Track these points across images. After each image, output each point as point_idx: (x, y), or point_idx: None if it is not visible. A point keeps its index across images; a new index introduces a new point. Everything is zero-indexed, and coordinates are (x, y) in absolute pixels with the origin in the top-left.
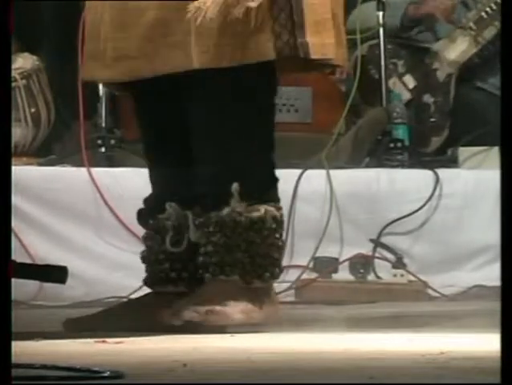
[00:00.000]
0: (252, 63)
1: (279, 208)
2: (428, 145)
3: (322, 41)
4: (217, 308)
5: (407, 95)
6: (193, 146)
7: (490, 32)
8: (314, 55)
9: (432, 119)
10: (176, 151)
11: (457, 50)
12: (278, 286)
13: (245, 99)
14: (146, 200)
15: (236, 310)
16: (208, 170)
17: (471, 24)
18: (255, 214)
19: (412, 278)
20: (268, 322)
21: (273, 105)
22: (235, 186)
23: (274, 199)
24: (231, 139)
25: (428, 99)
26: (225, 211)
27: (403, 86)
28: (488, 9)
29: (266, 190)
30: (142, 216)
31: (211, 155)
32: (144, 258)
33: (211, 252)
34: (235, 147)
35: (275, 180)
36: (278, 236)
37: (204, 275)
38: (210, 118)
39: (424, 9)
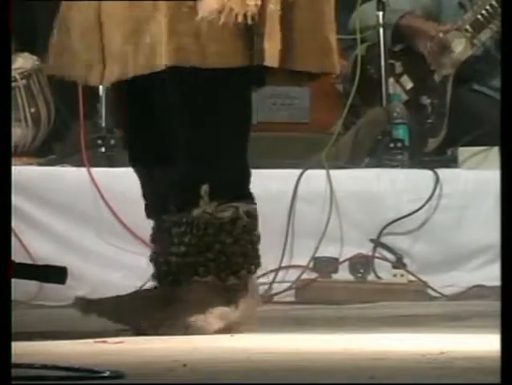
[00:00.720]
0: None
1: (251, 204)
2: (425, 146)
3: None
4: (195, 324)
5: (404, 96)
6: (165, 147)
7: (486, 35)
8: (269, 63)
9: (429, 121)
10: (156, 153)
11: (453, 51)
12: (278, 286)
13: (207, 100)
14: (145, 198)
15: (214, 319)
16: (177, 171)
17: (467, 26)
18: (225, 215)
19: (412, 278)
20: (245, 319)
21: (237, 106)
22: (204, 188)
23: (245, 196)
24: (197, 140)
25: (424, 100)
26: (195, 212)
27: (400, 87)
28: (484, 11)
29: (236, 189)
30: (147, 212)
31: (180, 156)
32: (150, 258)
33: (183, 252)
34: (202, 147)
35: (246, 176)
36: (251, 232)
37: (178, 276)
38: (176, 118)
39: (415, 32)
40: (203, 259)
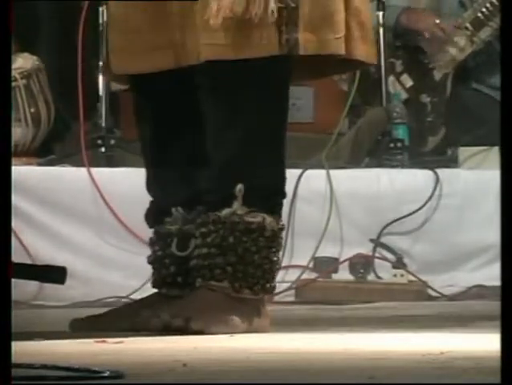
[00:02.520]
0: (259, 58)
1: (279, 223)
2: (424, 145)
3: (320, 37)
4: (196, 323)
5: (404, 95)
6: (202, 144)
7: (486, 32)
8: (305, 51)
9: (429, 119)
10: (182, 152)
11: (453, 49)
12: (278, 286)
13: (256, 99)
14: (152, 202)
15: (220, 320)
16: (215, 169)
17: (467, 24)
18: (255, 220)
19: (412, 278)
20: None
21: (286, 108)
22: (239, 188)
23: (277, 212)
24: (241, 140)
25: (424, 98)
26: (225, 212)
27: (400, 85)
28: (484, 9)
29: (272, 200)
30: (149, 217)
31: (220, 154)
32: (151, 262)
33: (205, 254)
34: (244, 148)
35: (282, 194)
36: (273, 250)
37: (196, 279)
38: (221, 116)
39: (415, 25)
40: (223, 261)
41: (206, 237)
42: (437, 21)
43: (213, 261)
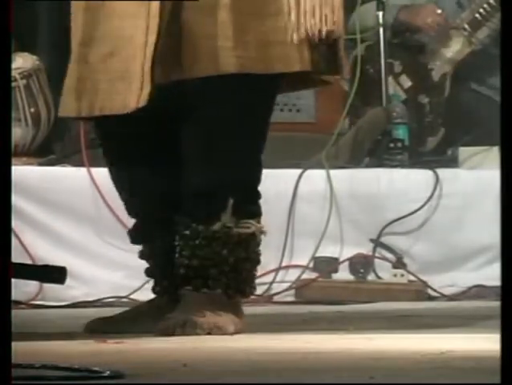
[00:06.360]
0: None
1: (260, 222)
2: (424, 145)
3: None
4: (218, 324)
5: (402, 96)
6: (189, 158)
7: (483, 33)
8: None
9: (428, 119)
10: (171, 163)
11: (451, 50)
12: (278, 286)
13: (249, 111)
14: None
15: (230, 323)
16: (202, 182)
17: (465, 25)
18: (246, 231)
19: (412, 278)
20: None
21: (269, 119)
22: (231, 202)
23: (260, 214)
24: (228, 153)
25: (423, 99)
26: (216, 226)
27: (398, 86)
28: (482, 10)
29: (255, 205)
30: (137, 236)
31: (207, 167)
32: (150, 272)
33: (196, 266)
34: (232, 160)
35: (260, 194)
36: (259, 251)
37: (184, 287)
38: (208, 129)
39: (414, 20)
40: (215, 272)
41: (196, 250)
42: (438, 11)
43: (205, 272)
